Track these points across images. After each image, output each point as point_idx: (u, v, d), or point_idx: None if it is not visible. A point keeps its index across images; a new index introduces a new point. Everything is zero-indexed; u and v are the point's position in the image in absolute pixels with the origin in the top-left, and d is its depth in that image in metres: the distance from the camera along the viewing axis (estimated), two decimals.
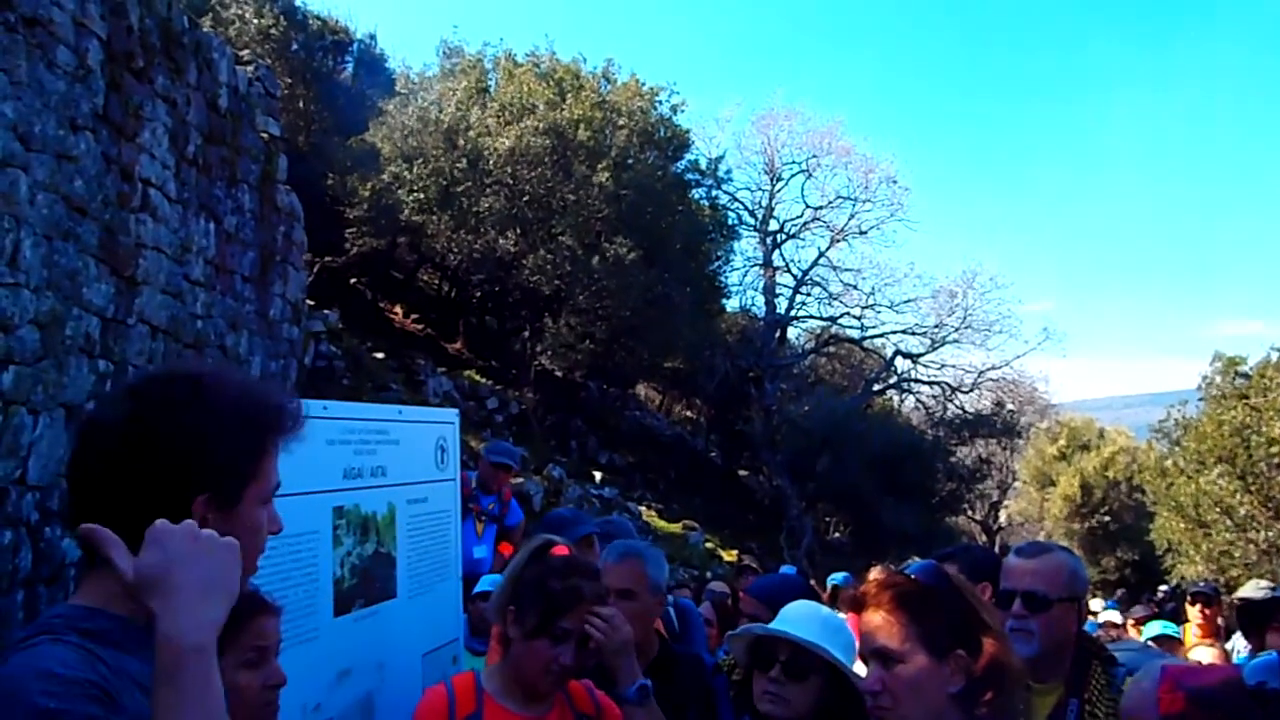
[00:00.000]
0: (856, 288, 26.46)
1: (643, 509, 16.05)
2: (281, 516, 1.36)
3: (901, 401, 29.57)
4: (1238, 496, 13.88)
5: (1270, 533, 13.53)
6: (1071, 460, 30.09)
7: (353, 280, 18.28)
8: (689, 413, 28.74)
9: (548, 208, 16.35)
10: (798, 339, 28.43)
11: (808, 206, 26.43)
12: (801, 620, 2.28)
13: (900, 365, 27.55)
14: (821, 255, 26.40)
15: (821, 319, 27.29)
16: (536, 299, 17.04)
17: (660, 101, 18.96)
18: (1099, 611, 9.75)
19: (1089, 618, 6.93)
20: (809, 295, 26.80)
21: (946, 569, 2.07)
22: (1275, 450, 13.24)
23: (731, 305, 25.18)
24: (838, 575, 7.99)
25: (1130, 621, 8.13)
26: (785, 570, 8.61)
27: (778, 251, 26.37)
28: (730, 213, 24.52)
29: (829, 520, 26.18)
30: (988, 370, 27.09)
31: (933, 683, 1.78)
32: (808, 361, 28.02)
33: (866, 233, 26.17)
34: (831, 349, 28.55)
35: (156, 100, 6.56)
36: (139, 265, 6.29)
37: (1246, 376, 15.07)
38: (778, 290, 26.21)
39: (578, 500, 13.32)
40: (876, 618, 1.85)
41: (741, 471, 26.05)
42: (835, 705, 2.19)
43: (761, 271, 25.87)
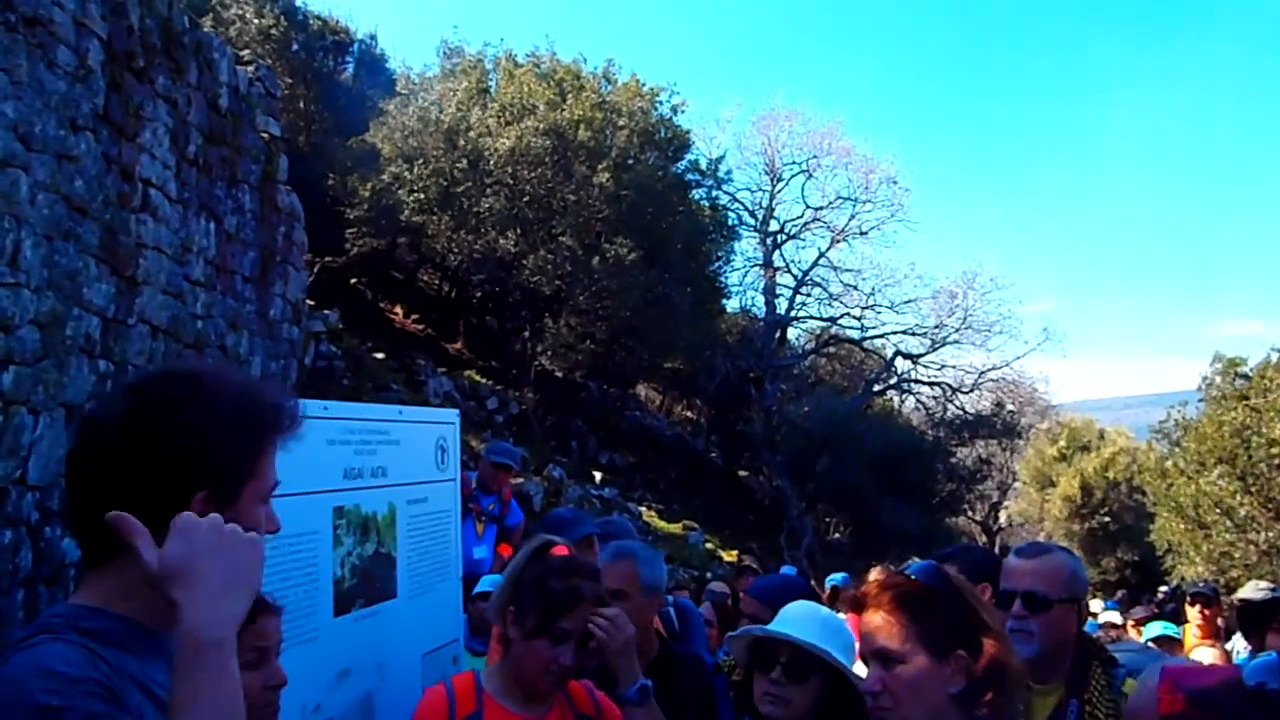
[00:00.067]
0: (857, 288, 26.52)
1: (643, 509, 16.04)
2: (281, 516, 1.36)
3: (902, 402, 29.60)
4: (1238, 497, 13.87)
5: (1270, 534, 13.52)
6: (1071, 461, 30.09)
7: (353, 280, 18.28)
8: (689, 413, 28.74)
9: (548, 208, 16.35)
10: (798, 339, 28.46)
11: (808, 207, 26.49)
12: (801, 621, 2.27)
13: (900, 366, 27.59)
14: (822, 256, 26.46)
15: (822, 319, 27.33)
16: (537, 299, 17.04)
17: (661, 102, 18.98)
18: (1099, 612, 9.75)
19: (1089, 618, 6.94)
20: (809, 296, 26.86)
21: (946, 569, 2.07)
22: (1275, 451, 13.23)
23: (732, 306, 25.23)
24: (836, 576, 8.00)
25: (1130, 622, 8.13)
26: (785, 571, 8.62)
27: (778, 252, 26.41)
28: (730, 213, 24.55)
29: (829, 521, 26.18)
30: (988, 371, 27.13)
31: (933, 683, 1.78)
32: (808, 362, 28.03)
33: (867, 233, 26.23)
34: (832, 349, 28.56)
35: (157, 100, 6.57)
36: (139, 265, 6.29)
37: (1247, 377, 15.06)
38: (778, 291, 26.23)
39: (578, 501, 13.32)
40: (877, 618, 1.85)
41: (742, 472, 26.04)
42: (835, 706, 2.19)
43: (762, 272, 25.88)
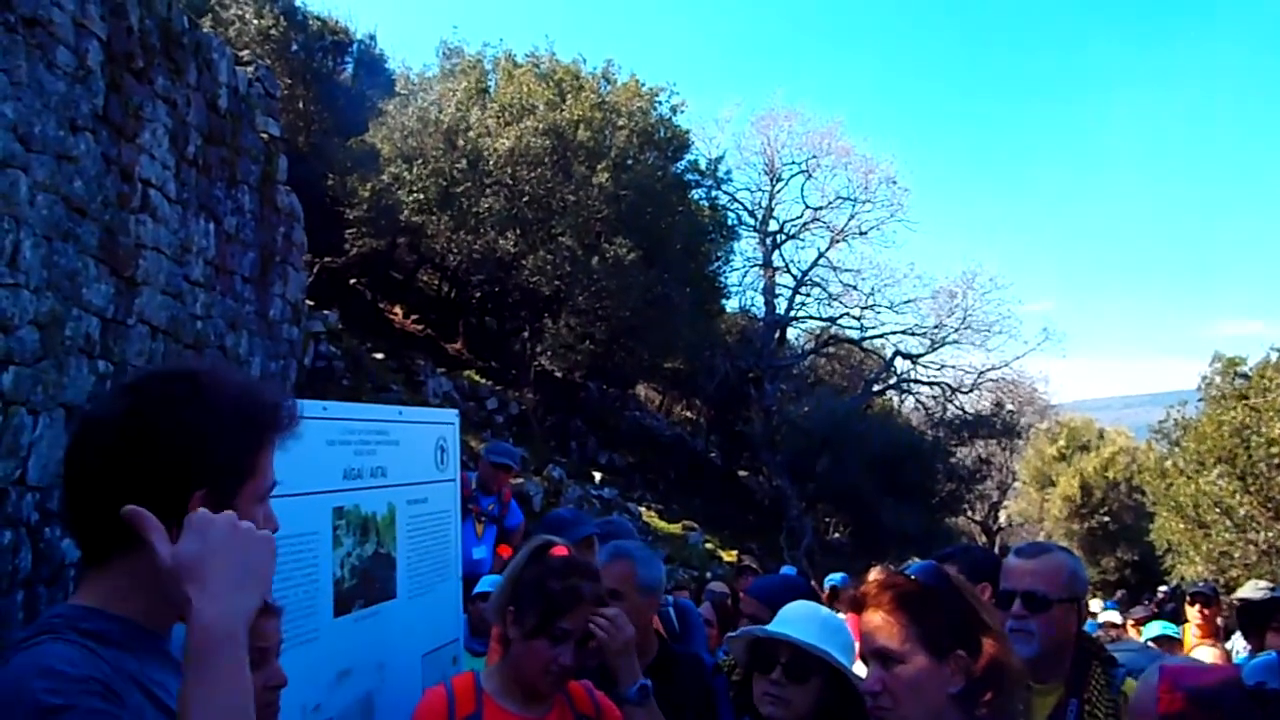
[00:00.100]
0: (856, 288, 26.51)
1: (642, 509, 16.04)
2: (281, 517, 1.36)
3: (901, 402, 29.60)
4: (1237, 497, 13.87)
5: (1270, 533, 13.52)
6: (1071, 461, 30.10)
7: (352, 281, 18.28)
8: (689, 413, 28.75)
9: (547, 208, 16.35)
10: (797, 339, 28.46)
11: (807, 207, 26.49)
12: (801, 621, 2.27)
13: (900, 366, 27.60)
14: (821, 256, 26.46)
15: (821, 319, 27.33)
16: (536, 299, 17.04)
17: (660, 102, 18.98)
18: (1098, 612, 9.76)
19: (1088, 618, 6.93)
20: (809, 296, 26.86)
21: (946, 569, 2.07)
22: (1275, 451, 13.24)
23: (731, 306, 25.24)
24: (835, 576, 8.00)
25: (1130, 622, 8.13)
26: (785, 571, 8.63)
27: (777, 252, 26.41)
28: (730, 213, 24.55)
29: (829, 521, 26.18)
30: (987, 371, 27.13)
31: (933, 683, 1.78)
32: (807, 362, 28.03)
33: (866, 233, 26.23)
34: (831, 349, 28.56)
35: (156, 101, 6.56)
36: (139, 266, 6.29)
37: (1246, 377, 15.07)
38: (777, 291, 26.24)
39: (577, 501, 13.31)
40: (876, 618, 1.85)
41: (741, 472, 26.04)
42: (835, 706, 2.19)
43: (761, 272, 25.88)
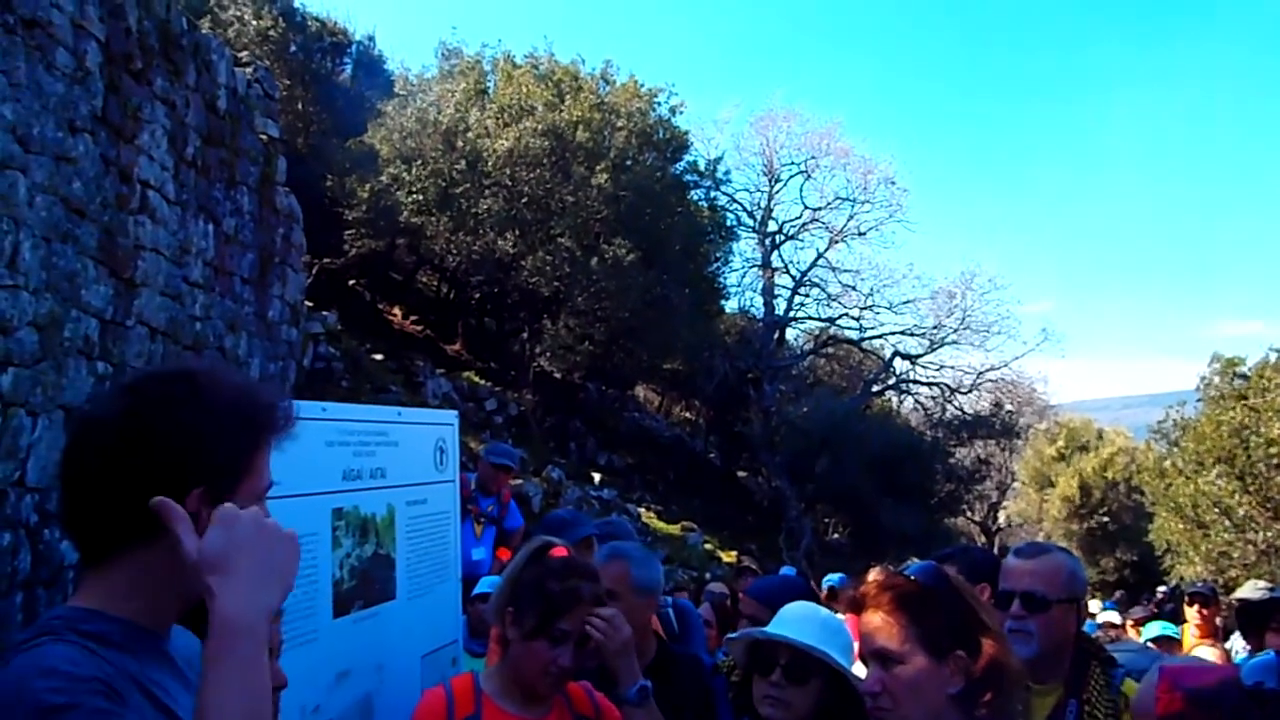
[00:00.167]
0: (855, 289, 26.54)
1: (642, 510, 16.04)
2: (280, 518, 1.35)
3: (900, 402, 29.61)
4: (1236, 497, 13.89)
5: (1269, 533, 13.53)
6: (1070, 461, 30.12)
7: (351, 282, 18.27)
8: (688, 414, 28.75)
9: (546, 209, 16.35)
10: (796, 340, 28.47)
11: (806, 207, 26.51)
12: (800, 622, 2.27)
13: (899, 366, 27.63)
14: (820, 256, 26.48)
15: (820, 320, 27.35)
16: (535, 300, 17.04)
17: (659, 103, 19.00)
18: (1097, 613, 9.76)
19: (1087, 619, 6.93)
20: (808, 296, 26.89)
21: (946, 570, 2.07)
22: (1274, 451, 13.25)
23: (730, 306, 25.26)
24: (833, 576, 8.00)
25: (1129, 622, 8.13)
26: (785, 571, 8.63)
27: (776, 253, 26.43)
28: (729, 214, 24.58)
29: (828, 521, 26.18)
30: (986, 371, 27.14)
31: (932, 684, 1.78)
32: (806, 363, 28.03)
33: (865, 234, 26.24)
34: (830, 350, 28.56)
35: (155, 102, 6.56)
36: (138, 267, 6.29)
37: (1245, 377, 15.08)
38: (776, 291, 26.27)
39: (577, 502, 13.31)
40: (876, 619, 1.85)
41: (740, 473, 26.05)
42: (835, 707, 2.18)
43: (760, 273, 25.88)
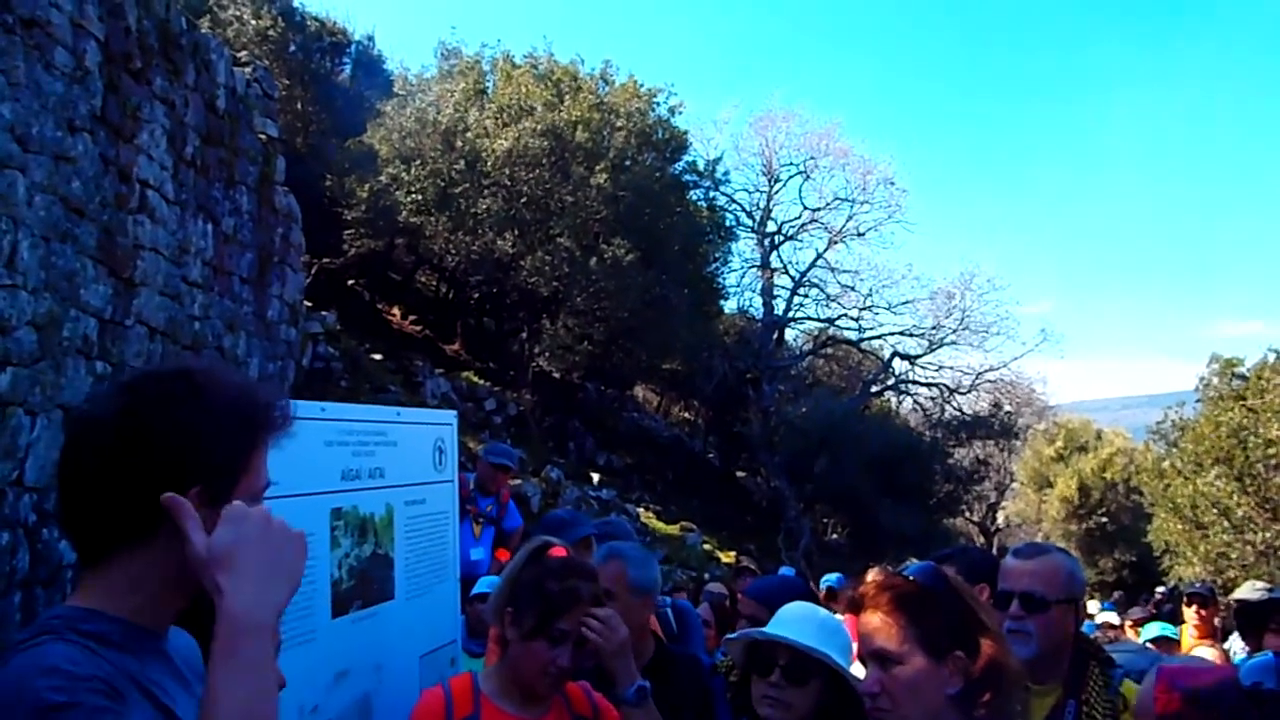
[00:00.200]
0: (854, 289, 26.55)
1: (641, 510, 16.04)
2: (278, 518, 1.36)
3: (899, 403, 29.62)
4: (1235, 498, 13.90)
5: (1267, 534, 13.54)
6: (1069, 461, 30.15)
7: (351, 282, 18.27)
8: (687, 414, 28.75)
9: (546, 209, 16.35)
10: (795, 340, 28.48)
11: (805, 208, 26.52)
12: (799, 623, 2.26)
13: (898, 367, 27.65)
14: (819, 257, 26.49)
15: (819, 320, 27.36)
16: (534, 300, 17.04)
17: (658, 103, 19.00)
18: (1095, 613, 9.76)
19: (1086, 619, 6.94)
20: (807, 297, 26.90)
21: (944, 570, 2.06)
22: (1272, 451, 13.26)
23: (729, 307, 25.28)
24: (830, 576, 7.99)
25: (1128, 623, 8.14)
26: (784, 572, 8.62)
27: (775, 253, 26.44)
28: (728, 214, 24.59)
29: (827, 522, 26.18)
30: (985, 372, 27.15)
31: (931, 684, 1.78)
32: (805, 363, 28.03)
33: (864, 234, 26.25)
34: (829, 350, 28.56)
35: (154, 102, 6.56)
36: (137, 267, 6.29)
37: (1243, 378, 15.09)
38: (775, 292, 26.29)
39: (576, 502, 13.31)
40: (875, 619, 1.85)
41: (739, 473, 26.05)
42: (834, 707, 2.18)
43: (759, 273, 25.89)
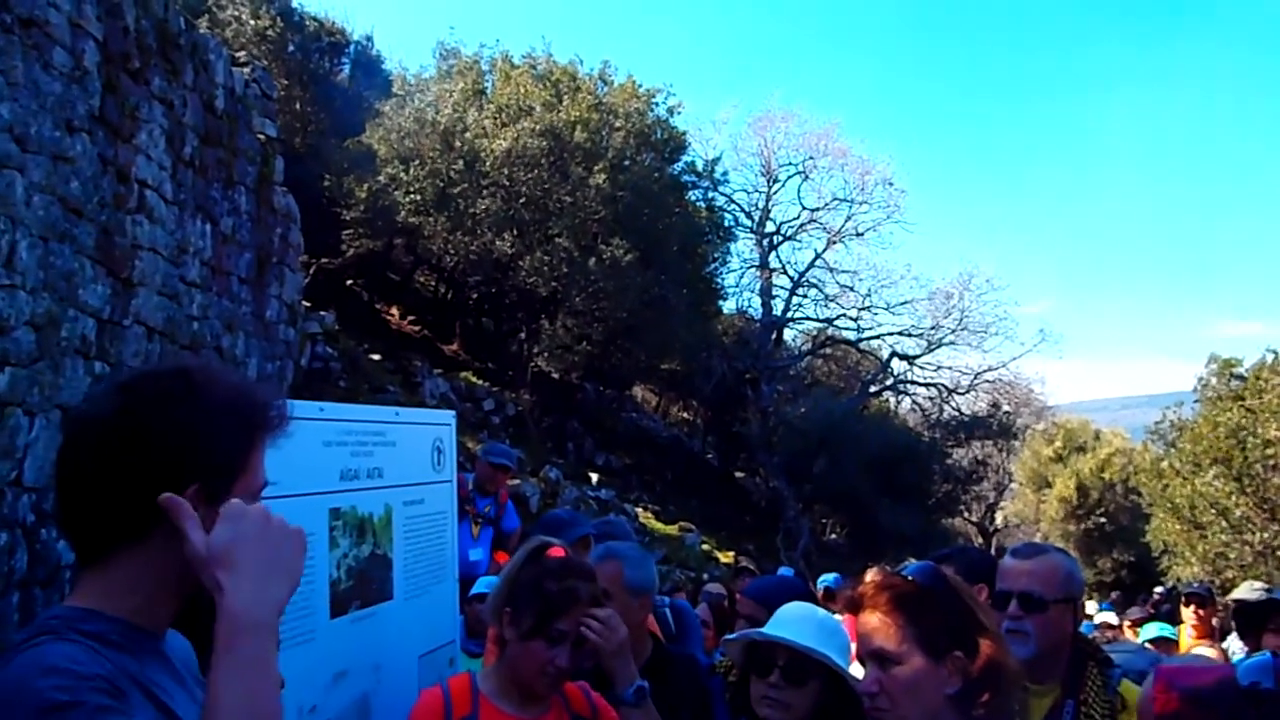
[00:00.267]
0: (853, 289, 26.57)
1: (639, 510, 16.03)
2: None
3: (898, 403, 29.64)
4: (1233, 498, 13.90)
5: (1265, 534, 13.55)
6: (1067, 462, 30.15)
7: (349, 282, 18.25)
8: (686, 414, 28.74)
9: (544, 209, 16.35)
10: (794, 340, 28.48)
11: (804, 208, 26.54)
12: (798, 623, 2.27)
13: (896, 367, 27.67)
14: (818, 257, 26.51)
15: (818, 321, 27.36)
16: (533, 300, 17.04)
17: (657, 103, 19.00)
18: (1093, 614, 9.76)
19: (1084, 619, 6.93)
20: (805, 297, 26.91)
21: (943, 570, 2.07)
22: (1270, 452, 13.27)
23: (728, 307, 25.28)
24: (828, 576, 7.98)
25: (1126, 623, 8.14)
26: (783, 572, 8.61)
27: (774, 253, 26.45)
28: (727, 214, 24.58)
29: (826, 522, 26.19)
30: (984, 372, 27.18)
31: (930, 684, 1.78)
32: (804, 363, 28.04)
33: (863, 234, 26.28)
34: (828, 350, 28.58)
35: (153, 102, 6.55)
36: (135, 267, 6.28)
37: (1242, 378, 15.10)
38: (774, 292, 26.30)
39: (574, 502, 13.31)
40: (874, 619, 1.85)
41: (738, 473, 26.05)
42: (833, 707, 2.18)
43: (758, 273, 25.91)
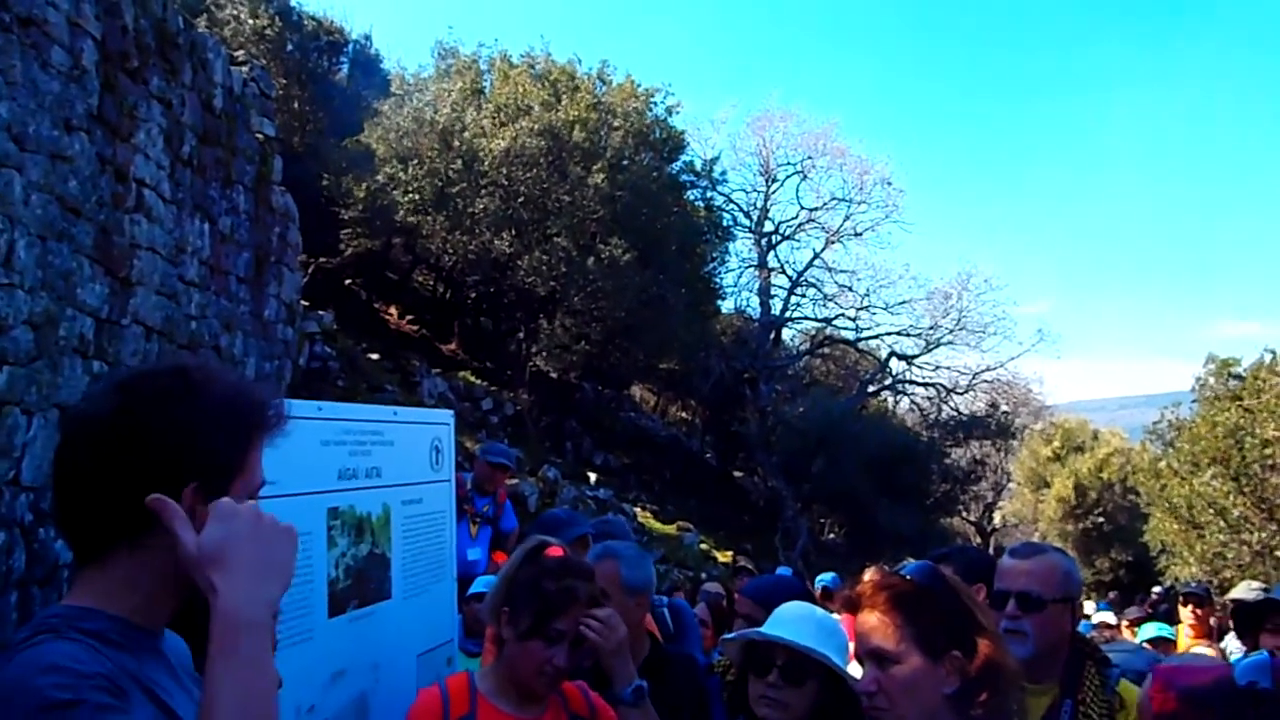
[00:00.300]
0: (851, 289, 26.61)
1: (638, 510, 16.03)
2: (275, 518, 1.35)
3: (896, 403, 29.67)
4: (1231, 498, 13.90)
5: (1263, 534, 13.55)
6: (1066, 461, 30.15)
7: (348, 281, 18.24)
8: (684, 414, 28.74)
9: (543, 209, 16.34)
10: (793, 340, 28.49)
11: (802, 208, 26.56)
12: (797, 622, 2.27)
13: (895, 366, 27.71)
14: (816, 256, 26.54)
15: (816, 320, 27.38)
16: (531, 300, 17.03)
17: (655, 103, 18.98)
18: (1091, 613, 9.77)
19: (1082, 619, 6.94)
20: (804, 296, 26.94)
21: (941, 570, 2.07)
22: (1269, 451, 13.27)
23: (726, 306, 25.28)
24: (825, 576, 8.00)
25: (1124, 622, 8.15)
26: (781, 571, 8.62)
27: (773, 253, 26.46)
28: (725, 214, 24.58)
29: (824, 521, 26.20)
30: (982, 372, 27.23)
31: (928, 683, 1.78)
32: (802, 363, 28.06)
33: (861, 234, 26.32)
34: (826, 350, 28.60)
35: (151, 101, 6.55)
36: (133, 266, 6.28)
37: (1240, 378, 15.10)
38: (773, 291, 26.31)
39: (573, 501, 13.30)
40: (872, 618, 1.85)
41: (736, 473, 26.05)
42: (831, 707, 2.19)
43: (756, 273, 25.93)
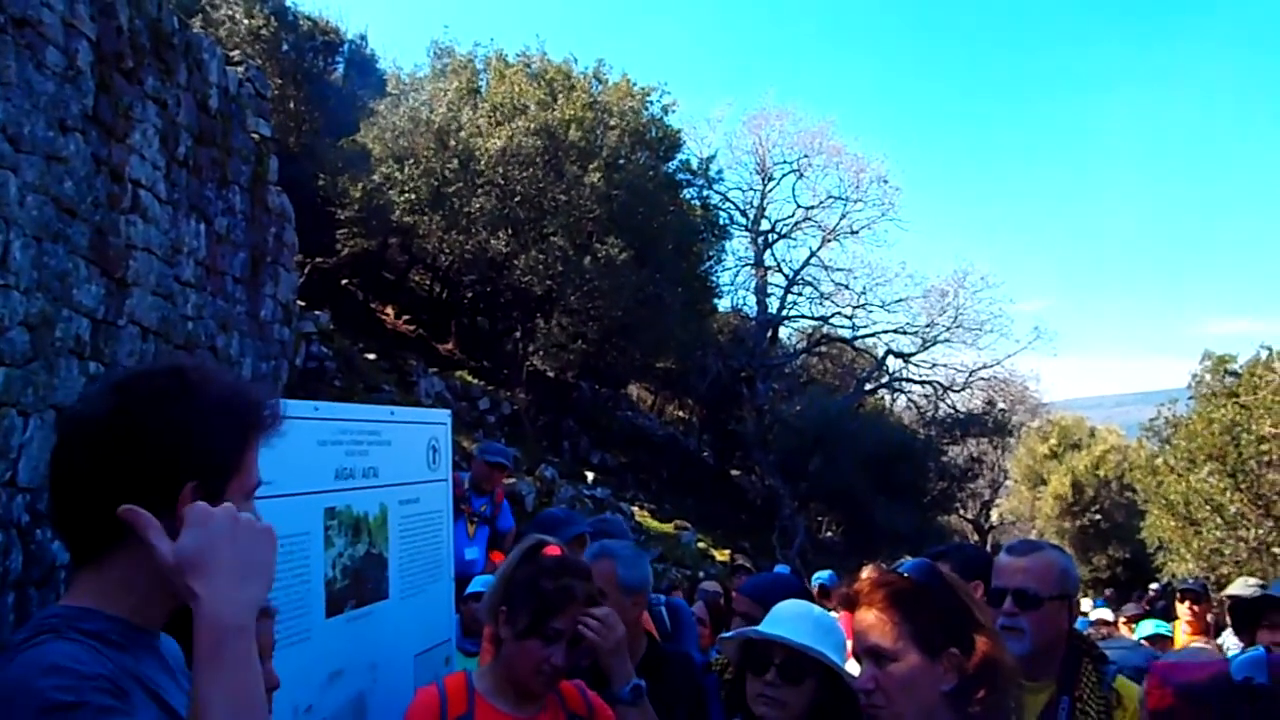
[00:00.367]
0: (848, 287, 26.61)
1: (635, 509, 16.04)
2: (273, 518, 1.35)
3: (893, 401, 29.69)
4: (1228, 494, 13.92)
5: (1260, 530, 13.57)
6: (1062, 459, 30.18)
7: (344, 281, 18.22)
8: (681, 413, 28.74)
9: (539, 208, 16.33)
10: (789, 339, 28.49)
11: (799, 206, 26.54)
12: (794, 621, 2.27)
13: (892, 365, 27.73)
14: (813, 255, 26.55)
15: (813, 319, 27.38)
16: (528, 299, 17.02)
17: (651, 102, 18.95)
18: (1088, 610, 9.79)
19: (1079, 616, 6.95)
20: (800, 295, 26.93)
21: (939, 567, 2.07)
22: (1265, 448, 13.29)
23: (723, 305, 25.26)
24: (822, 574, 8.02)
25: (1122, 619, 8.17)
26: (779, 569, 8.62)
27: (769, 251, 26.45)
28: (722, 213, 24.59)
29: (821, 520, 26.22)
30: (979, 369, 27.25)
31: (926, 681, 1.78)
32: (799, 361, 28.06)
33: (858, 232, 26.31)
34: (823, 348, 28.61)
35: (146, 101, 6.54)
36: (129, 267, 6.26)
37: (1236, 375, 15.11)
38: (769, 290, 26.29)
39: (570, 501, 13.30)
40: (869, 616, 1.85)
41: (734, 471, 26.06)
42: (830, 705, 2.19)
43: (753, 271, 25.93)
